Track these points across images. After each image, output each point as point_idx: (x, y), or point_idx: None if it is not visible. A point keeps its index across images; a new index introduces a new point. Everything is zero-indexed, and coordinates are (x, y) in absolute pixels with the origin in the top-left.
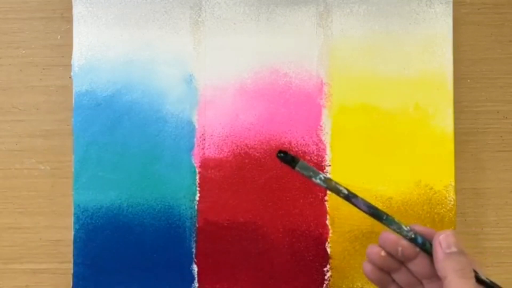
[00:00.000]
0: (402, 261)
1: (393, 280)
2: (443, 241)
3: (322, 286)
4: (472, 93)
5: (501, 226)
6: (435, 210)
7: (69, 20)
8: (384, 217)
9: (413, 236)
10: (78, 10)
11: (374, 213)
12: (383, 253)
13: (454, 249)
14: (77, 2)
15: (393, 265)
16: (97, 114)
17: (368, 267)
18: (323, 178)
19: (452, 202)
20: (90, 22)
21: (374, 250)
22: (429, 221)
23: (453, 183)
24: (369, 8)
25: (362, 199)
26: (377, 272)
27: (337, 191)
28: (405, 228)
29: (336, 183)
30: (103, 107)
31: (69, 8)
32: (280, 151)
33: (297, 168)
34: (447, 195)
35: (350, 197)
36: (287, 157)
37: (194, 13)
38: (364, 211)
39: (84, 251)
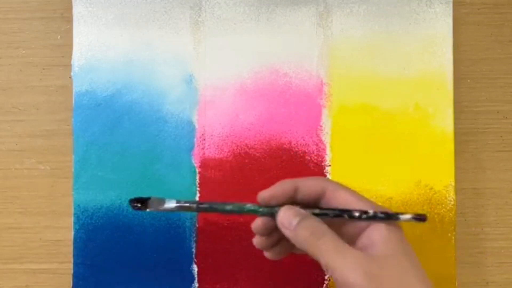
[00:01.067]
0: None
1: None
2: (283, 221)
3: (322, 286)
4: (472, 93)
5: (501, 226)
6: (435, 210)
7: (69, 20)
8: (245, 209)
9: (268, 211)
10: (78, 10)
11: (234, 209)
12: (256, 239)
13: (295, 221)
14: (77, 2)
15: (272, 241)
16: (97, 114)
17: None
18: (174, 206)
19: (452, 202)
20: (90, 22)
21: (255, 240)
22: (429, 221)
23: (453, 183)
24: (369, 8)
25: (215, 203)
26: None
27: (190, 209)
28: (260, 210)
29: (189, 202)
30: (103, 107)
31: (69, 8)
32: (131, 200)
33: (150, 209)
34: (447, 195)
35: (205, 208)
36: (139, 203)
37: (194, 13)
38: (228, 212)
39: (84, 251)
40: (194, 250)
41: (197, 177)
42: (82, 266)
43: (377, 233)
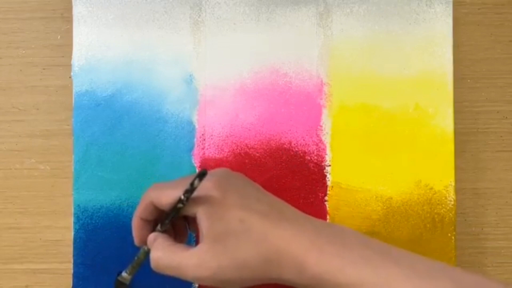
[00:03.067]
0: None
1: None
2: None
3: None
4: (472, 93)
5: (501, 226)
6: (435, 210)
7: (69, 20)
8: (142, 255)
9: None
10: (78, 10)
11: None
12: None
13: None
14: (77, 2)
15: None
16: (97, 114)
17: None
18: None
19: (452, 202)
20: (90, 22)
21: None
22: (429, 221)
23: (453, 183)
24: (369, 8)
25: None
26: None
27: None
28: (146, 248)
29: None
30: (103, 107)
31: (69, 8)
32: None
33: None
34: (447, 195)
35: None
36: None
37: (194, 13)
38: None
39: (84, 251)
40: None
41: None
42: (82, 266)
43: (200, 223)
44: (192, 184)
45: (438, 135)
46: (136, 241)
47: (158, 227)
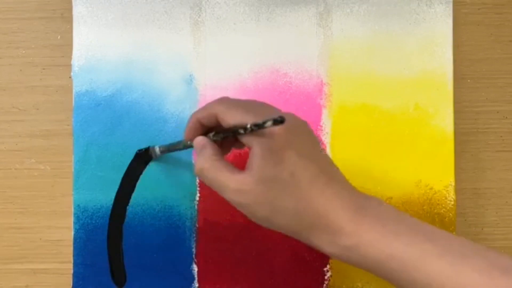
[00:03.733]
0: None
1: None
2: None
3: (322, 286)
4: (472, 93)
5: (501, 226)
6: (435, 210)
7: (69, 20)
8: (182, 146)
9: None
10: (78, 10)
11: (179, 146)
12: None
13: (198, 150)
14: (77, 2)
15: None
16: (97, 114)
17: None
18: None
19: (452, 202)
20: (90, 22)
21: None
22: (429, 221)
23: (453, 183)
24: (369, 8)
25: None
26: None
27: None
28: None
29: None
30: (103, 107)
31: (69, 8)
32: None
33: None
34: (447, 195)
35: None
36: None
37: (194, 13)
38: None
39: (84, 251)
40: (194, 250)
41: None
42: (82, 266)
43: (253, 157)
44: (264, 123)
45: (438, 135)
46: (185, 135)
47: (211, 135)
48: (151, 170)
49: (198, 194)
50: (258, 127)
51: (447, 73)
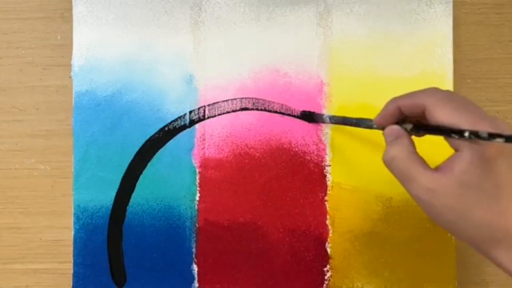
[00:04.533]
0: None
1: None
2: (385, 138)
3: (322, 286)
4: (472, 93)
5: None
6: None
7: (69, 20)
8: (364, 125)
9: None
10: (78, 10)
11: (358, 123)
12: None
13: (389, 139)
14: (77, 2)
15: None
16: (97, 114)
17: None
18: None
19: None
20: (90, 22)
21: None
22: (429, 221)
23: None
24: (369, 8)
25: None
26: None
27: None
28: (375, 126)
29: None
30: (103, 107)
31: (69, 8)
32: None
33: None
34: None
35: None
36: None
37: (194, 13)
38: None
39: (84, 251)
40: (194, 250)
41: (197, 177)
42: (82, 266)
43: (459, 161)
44: (490, 136)
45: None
46: (378, 119)
47: (408, 127)
48: (151, 170)
49: (198, 194)
50: (476, 137)
51: (447, 73)
